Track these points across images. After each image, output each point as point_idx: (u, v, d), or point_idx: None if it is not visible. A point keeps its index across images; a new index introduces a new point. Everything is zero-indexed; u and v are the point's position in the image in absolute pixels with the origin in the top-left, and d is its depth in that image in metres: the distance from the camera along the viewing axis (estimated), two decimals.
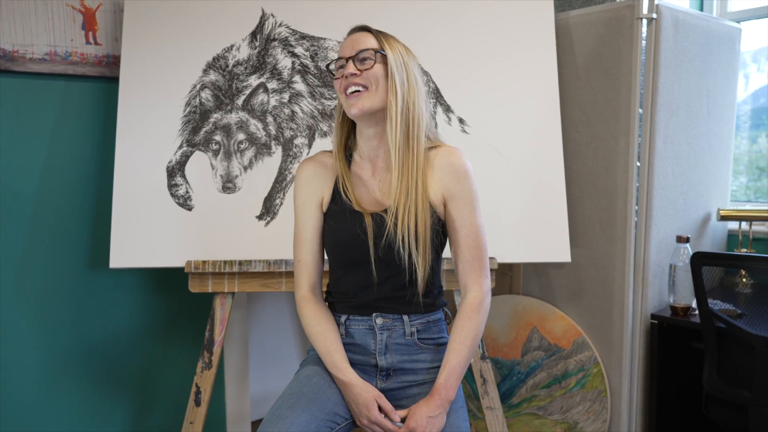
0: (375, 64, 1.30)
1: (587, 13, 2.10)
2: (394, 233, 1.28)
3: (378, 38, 1.34)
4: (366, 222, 1.31)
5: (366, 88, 1.30)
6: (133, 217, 1.91)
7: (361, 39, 1.33)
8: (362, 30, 1.36)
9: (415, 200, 1.29)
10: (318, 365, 1.36)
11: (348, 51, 1.32)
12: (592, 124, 2.11)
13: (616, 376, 2.10)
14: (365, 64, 1.30)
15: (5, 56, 1.92)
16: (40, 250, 2.05)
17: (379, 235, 1.30)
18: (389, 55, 1.31)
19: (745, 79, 2.58)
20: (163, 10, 2.01)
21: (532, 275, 2.32)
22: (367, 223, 1.31)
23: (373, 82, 1.30)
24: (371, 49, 1.31)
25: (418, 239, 1.28)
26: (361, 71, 1.30)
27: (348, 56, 1.31)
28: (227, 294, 1.92)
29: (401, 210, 1.28)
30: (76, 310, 2.12)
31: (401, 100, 1.30)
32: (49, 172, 2.05)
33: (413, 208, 1.28)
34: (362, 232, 1.31)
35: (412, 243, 1.28)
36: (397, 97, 1.29)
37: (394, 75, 1.30)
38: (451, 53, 2.04)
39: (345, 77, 1.31)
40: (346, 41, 1.35)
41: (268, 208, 1.95)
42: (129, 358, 2.25)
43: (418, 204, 1.29)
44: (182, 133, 1.96)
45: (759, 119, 2.57)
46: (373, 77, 1.30)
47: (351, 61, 1.31)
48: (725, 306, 1.93)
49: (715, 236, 2.39)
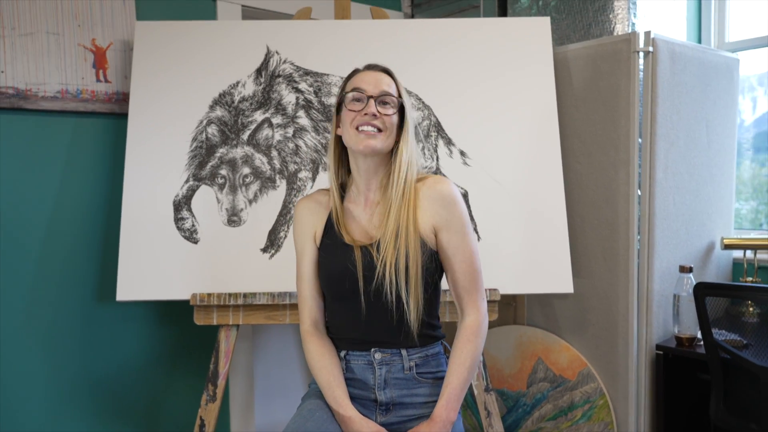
0: (395, 113, 1.36)
1: (585, 47, 2.14)
2: (382, 268, 1.31)
3: (396, 83, 1.39)
4: (355, 255, 1.34)
5: (380, 131, 1.34)
6: (140, 251, 1.94)
7: (385, 81, 1.38)
8: (383, 71, 1.40)
9: (406, 237, 1.31)
10: (320, 399, 1.37)
11: (372, 89, 1.35)
12: (592, 155, 2.14)
13: (623, 407, 2.08)
14: (386, 108, 1.35)
15: (18, 94, 1.98)
16: (50, 282, 2.08)
17: (368, 267, 1.33)
18: (406, 105, 1.38)
19: (752, 102, 2.59)
20: (171, 48, 2.07)
21: (536, 305, 2.32)
22: (357, 256, 1.34)
23: (388, 127, 1.35)
24: (394, 96, 1.37)
25: (408, 276, 1.31)
26: (381, 115, 1.34)
27: (371, 95, 1.35)
28: (232, 326, 1.93)
29: (390, 245, 1.31)
30: (83, 342, 2.15)
31: (410, 148, 1.36)
32: (60, 207, 2.09)
33: (403, 246, 1.31)
34: (351, 264, 1.34)
35: (401, 280, 1.30)
36: (408, 145, 1.36)
37: (408, 126, 1.37)
38: (451, 87, 2.08)
39: (364, 114, 1.34)
40: (368, 77, 1.37)
41: (272, 241, 1.97)
42: (135, 389, 2.26)
43: (409, 242, 1.31)
44: (189, 168, 2.00)
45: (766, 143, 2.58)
46: (390, 123, 1.35)
47: (373, 100, 1.34)
48: (731, 336, 1.92)
49: (719, 265, 2.38)
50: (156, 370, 2.30)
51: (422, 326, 1.35)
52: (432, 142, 2.04)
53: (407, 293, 1.31)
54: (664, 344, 2.05)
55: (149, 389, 2.29)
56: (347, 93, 1.37)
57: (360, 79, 1.38)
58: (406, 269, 1.30)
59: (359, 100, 1.35)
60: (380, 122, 1.34)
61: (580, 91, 2.16)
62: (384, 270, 1.30)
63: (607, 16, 2.27)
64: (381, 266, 1.31)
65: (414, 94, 2.07)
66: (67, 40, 2.06)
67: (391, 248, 1.31)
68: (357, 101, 1.36)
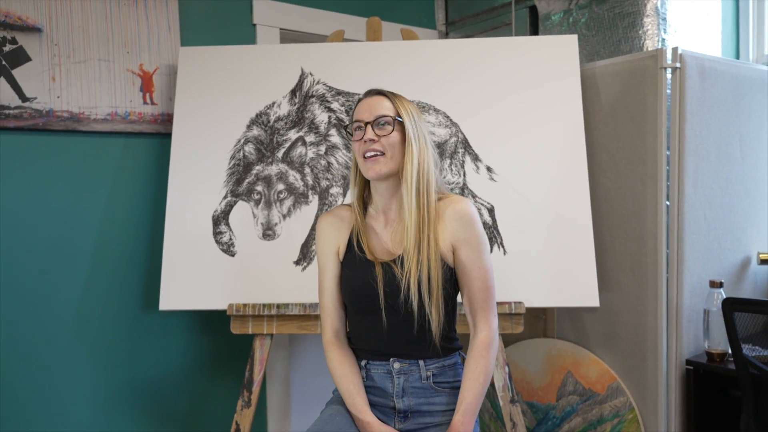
0: (393, 131, 1.40)
1: (613, 63, 2.16)
2: (404, 282, 1.36)
3: (393, 102, 1.43)
4: (377, 271, 1.40)
5: (383, 153, 1.39)
6: (181, 263, 2.06)
7: (378, 103, 1.42)
8: (378, 94, 1.45)
9: (427, 252, 1.37)
10: (341, 405, 1.44)
11: (366, 115, 1.41)
12: (620, 170, 2.15)
13: (652, 422, 2.08)
14: (384, 129, 1.40)
15: (72, 117, 2.13)
16: (99, 292, 2.22)
17: (389, 284, 1.39)
18: (405, 122, 1.41)
19: None
20: (212, 72, 2.19)
21: (566, 319, 2.34)
22: (378, 272, 1.40)
23: (389, 148, 1.39)
24: (389, 116, 1.40)
25: (431, 289, 1.36)
26: (380, 137, 1.39)
27: (366, 121, 1.40)
28: (266, 335, 2.02)
29: (412, 260, 1.36)
30: (130, 349, 2.28)
31: (417, 164, 1.39)
32: (108, 221, 2.23)
33: (425, 261, 1.36)
34: (373, 280, 1.40)
35: (424, 292, 1.36)
36: (413, 162, 1.39)
37: (411, 142, 1.40)
38: (478, 103, 2.13)
39: (363, 141, 1.39)
40: (363, 105, 1.44)
41: (304, 254, 2.06)
42: (177, 394, 2.38)
43: (430, 256, 1.37)
44: (227, 184, 2.11)
45: None
46: (390, 144, 1.39)
47: (369, 126, 1.40)
48: (765, 353, 1.90)
49: (756, 280, 2.35)
50: (196, 376, 2.41)
51: (442, 338, 1.41)
52: (459, 159, 2.10)
53: (429, 305, 1.36)
54: (695, 359, 2.04)
55: (190, 394, 2.40)
56: (349, 125, 1.46)
57: (358, 109, 1.44)
58: (428, 282, 1.36)
59: (360, 129, 1.42)
60: (380, 145, 1.38)
61: (608, 107, 2.18)
62: (408, 283, 1.36)
63: (637, 33, 2.29)
64: (405, 280, 1.36)
65: (442, 111, 2.13)
66: (116, 66, 2.21)
67: (412, 262, 1.36)
68: (358, 131, 1.42)
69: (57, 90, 2.10)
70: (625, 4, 2.31)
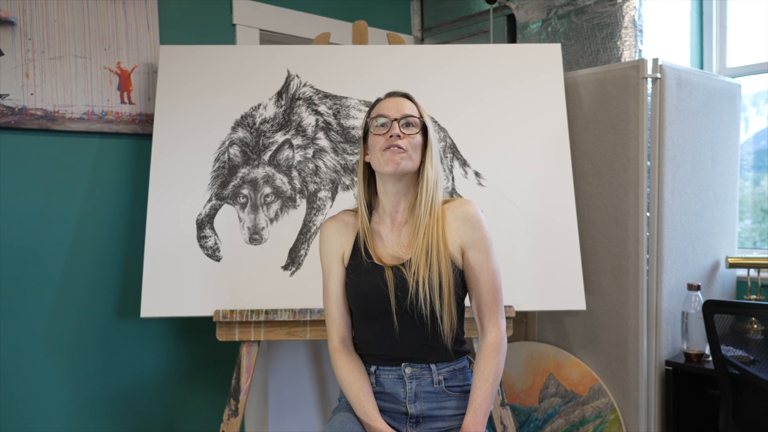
0: (417, 133, 1.42)
1: (594, 72, 2.22)
2: (415, 286, 1.36)
3: (418, 107, 1.47)
4: (387, 275, 1.40)
5: (405, 151, 1.40)
6: (163, 268, 1.99)
7: (406, 105, 1.45)
8: (404, 96, 1.48)
9: (437, 255, 1.38)
10: (350, 412, 1.42)
11: (394, 113, 1.43)
12: (601, 176, 2.21)
13: (633, 422, 2.13)
14: (410, 129, 1.42)
15: (47, 116, 2.03)
16: (73, 298, 2.12)
17: (400, 288, 1.39)
18: (429, 127, 1.45)
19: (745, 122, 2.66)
20: (195, 72, 2.13)
21: (547, 322, 2.38)
22: (388, 276, 1.40)
23: (411, 148, 1.41)
24: (416, 117, 1.44)
25: (442, 292, 1.37)
26: (405, 135, 1.40)
27: (394, 118, 1.42)
28: (253, 342, 1.98)
29: (422, 263, 1.37)
30: (104, 358, 2.18)
31: (435, 167, 1.43)
32: (83, 224, 2.14)
33: (435, 264, 1.37)
34: (383, 284, 1.39)
35: (435, 296, 1.36)
36: (433, 165, 1.42)
37: (433, 146, 1.44)
38: (466, 110, 2.15)
39: (390, 136, 1.40)
40: (388, 102, 1.45)
41: (293, 259, 2.03)
42: (154, 404, 2.29)
43: (440, 259, 1.38)
44: (211, 187, 2.06)
45: (761, 161, 2.65)
46: (413, 145, 1.41)
47: (397, 123, 1.41)
48: (737, 353, 1.98)
49: (724, 283, 2.45)
50: (173, 385, 2.34)
51: (453, 341, 1.41)
52: (447, 163, 2.11)
53: (441, 309, 1.37)
54: (673, 360, 2.10)
55: (168, 404, 2.32)
56: (372, 119, 1.45)
57: (383, 106, 1.46)
58: (439, 286, 1.36)
59: (384, 125, 1.42)
60: (404, 143, 1.40)
61: (590, 115, 2.24)
62: (417, 287, 1.36)
63: (615, 43, 2.36)
64: (414, 283, 1.36)
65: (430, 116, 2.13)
66: (93, 63, 2.12)
67: (423, 265, 1.37)
68: (382, 126, 1.42)
69: (31, 87, 2.00)
70: (604, 16, 2.38)
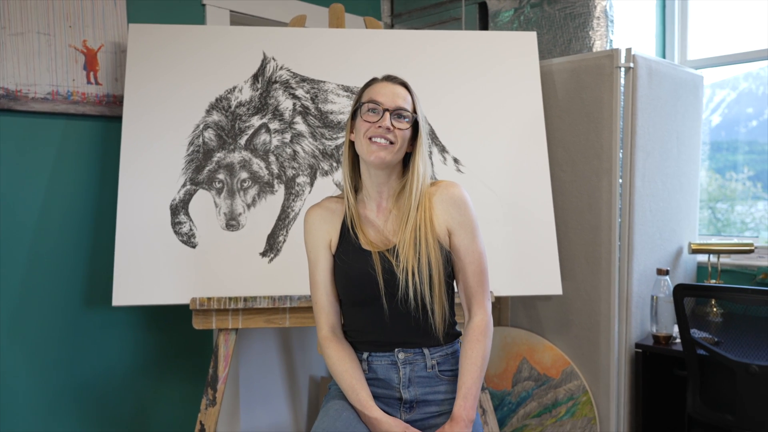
0: (408, 127, 1.40)
1: (569, 61, 2.25)
2: (404, 278, 1.35)
3: (413, 97, 1.42)
4: (374, 259, 1.38)
5: (392, 143, 1.37)
6: (136, 255, 1.92)
7: (401, 95, 1.40)
8: (401, 84, 1.43)
9: (426, 246, 1.36)
10: (344, 400, 1.40)
11: (388, 102, 1.38)
12: (576, 164, 2.25)
13: (604, 403, 2.19)
14: (401, 122, 1.38)
15: (8, 96, 1.93)
16: (37, 286, 2.03)
17: (389, 271, 1.37)
18: (420, 120, 1.42)
19: None
20: (166, 52, 2.06)
21: (520, 307, 2.42)
22: (375, 260, 1.38)
23: (400, 140, 1.38)
24: (409, 111, 1.40)
25: (432, 284, 1.36)
26: (395, 128, 1.37)
27: (386, 108, 1.38)
28: (231, 330, 1.93)
29: (411, 255, 1.35)
30: (70, 347, 2.10)
31: (424, 159, 1.41)
32: (48, 210, 2.04)
33: (425, 255, 1.36)
34: (371, 268, 1.38)
35: (425, 288, 1.35)
36: (422, 157, 1.41)
37: (423, 138, 1.41)
38: (444, 97, 2.15)
39: (378, 126, 1.37)
40: (386, 89, 1.40)
41: (271, 245, 1.99)
42: (122, 395, 2.22)
43: (429, 250, 1.36)
44: (186, 172, 2.00)
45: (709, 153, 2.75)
46: (402, 137, 1.38)
47: (388, 114, 1.37)
48: (702, 335, 2.06)
49: (686, 268, 2.54)
50: (144, 375, 2.27)
51: (445, 324, 1.41)
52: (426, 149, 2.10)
53: (432, 300, 1.36)
54: (643, 343, 2.17)
55: (137, 395, 2.25)
56: (364, 103, 1.40)
57: (377, 90, 1.41)
58: (428, 267, 1.35)
59: (374, 111, 1.38)
60: (393, 135, 1.37)
61: (564, 103, 2.27)
62: (407, 278, 1.35)
63: (587, 33, 2.40)
64: (403, 274, 1.35)
65: None
66: (57, 41, 2.02)
67: (411, 255, 1.35)
68: (372, 112, 1.38)
69: None
70: (577, 5, 2.41)
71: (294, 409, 2.85)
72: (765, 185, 2.58)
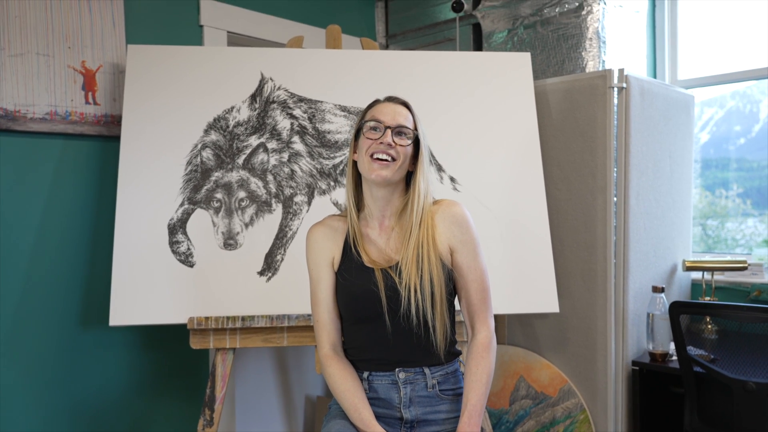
0: (410, 144, 1.42)
1: (563, 81, 2.29)
2: (407, 296, 1.36)
3: (414, 117, 1.46)
4: (377, 276, 1.39)
5: (394, 160, 1.40)
6: (133, 275, 1.92)
7: (403, 113, 1.44)
8: (402, 104, 1.47)
9: (428, 264, 1.38)
10: (345, 419, 1.40)
11: (389, 120, 1.41)
12: (570, 182, 2.27)
13: (602, 421, 2.19)
14: (402, 139, 1.41)
15: (7, 116, 1.93)
16: (34, 306, 2.02)
17: (391, 288, 1.38)
18: (421, 138, 1.44)
19: None
20: (164, 72, 2.07)
21: (517, 325, 2.42)
22: (378, 277, 1.39)
23: (402, 157, 1.41)
24: (411, 129, 1.43)
25: (434, 302, 1.37)
26: (396, 145, 1.40)
27: (388, 125, 1.41)
28: (228, 350, 1.93)
29: (413, 274, 1.37)
30: (66, 367, 2.08)
31: (426, 177, 1.43)
32: (45, 230, 2.04)
33: (426, 273, 1.37)
34: (374, 285, 1.39)
35: (427, 306, 1.36)
36: (424, 176, 1.43)
37: (423, 156, 1.44)
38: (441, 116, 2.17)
39: (379, 143, 1.39)
40: (385, 108, 1.44)
41: (269, 264, 1.99)
42: (118, 415, 2.20)
43: (432, 268, 1.38)
44: (183, 191, 2.00)
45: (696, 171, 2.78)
46: (404, 154, 1.41)
47: (390, 131, 1.40)
48: (698, 352, 2.07)
49: (681, 285, 2.56)
50: (140, 395, 2.25)
51: (446, 342, 1.41)
52: None
53: (433, 317, 1.37)
54: (639, 360, 2.18)
55: (133, 415, 2.23)
56: (366, 122, 1.44)
57: (379, 110, 1.44)
58: (431, 286, 1.36)
59: (376, 129, 1.41)
60: (395, 152, 1.40)
61: (558, 122, 2.30)
62: (409, 295, 1.36)
63: (580, 53, 2.43)
64: (405, 291, 1.36)
65: None
66: (57, 61, 2.04)
67: (413, 273, 1.36)
68: (374, 130, 1.41)
69: None
70: (569, 27, 2.46)
71: (290, 429, 2.83)
72: (755, 202, 2.61)
